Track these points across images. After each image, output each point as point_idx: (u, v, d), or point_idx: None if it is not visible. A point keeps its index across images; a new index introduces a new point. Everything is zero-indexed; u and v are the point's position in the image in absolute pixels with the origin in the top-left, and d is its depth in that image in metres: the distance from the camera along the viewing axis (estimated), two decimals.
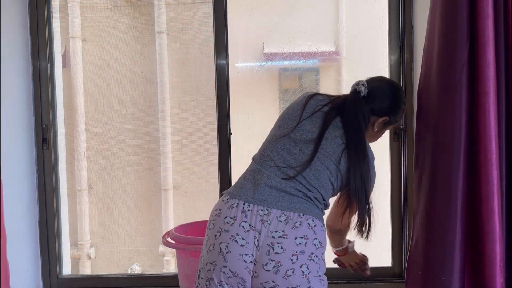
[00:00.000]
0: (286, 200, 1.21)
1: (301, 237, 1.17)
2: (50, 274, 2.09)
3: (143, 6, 2.29)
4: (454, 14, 1.35)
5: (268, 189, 1.22)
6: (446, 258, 1.37)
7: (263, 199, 1.21)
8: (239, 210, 1.20)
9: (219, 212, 1.25)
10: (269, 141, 1.32)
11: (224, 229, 1.20)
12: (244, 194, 1.23)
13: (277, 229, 1.17)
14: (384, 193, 2.13)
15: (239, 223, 1.19)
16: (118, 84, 2.30)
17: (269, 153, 1.28)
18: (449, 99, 1.36)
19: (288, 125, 1.31)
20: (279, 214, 1.18)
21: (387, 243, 2.11)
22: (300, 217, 1.19)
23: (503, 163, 1.34)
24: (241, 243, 1.17)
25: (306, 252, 1.16)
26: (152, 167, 2.33)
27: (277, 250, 1.15)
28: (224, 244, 1.18)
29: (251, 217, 1.19)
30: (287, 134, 1.29)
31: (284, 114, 1.36)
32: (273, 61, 2.22)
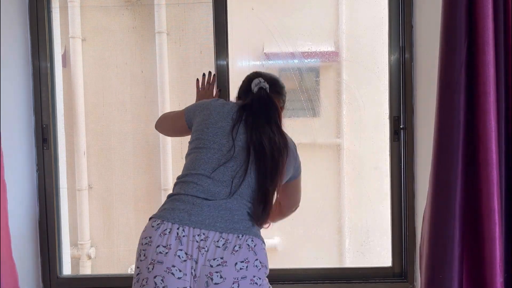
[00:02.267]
0: (225, 220, 1.14)
1: (241, 261, 1.10)
2: (50, 274, 2.09)
3: (143, 6, 2.29)
4: (453, 14, 1.35)
5: (206, 208, 1.15)
6: (445, 257, 1.37)
7: (201, 220, 1.13)
8: (173, 236, 1.11)
9: (149, 240, 1.15)
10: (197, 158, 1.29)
11: (158, 260, 1.10)
12: (178, 216, 1.14)
13: (215, 256, 1.09)
14: (384, 193, 2.13)
15: (174, 252, 1.09)
16: (118, 84, 2.30)
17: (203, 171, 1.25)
18: (448, 99, 1.37)
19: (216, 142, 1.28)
20: (217, 238, 1.11)
21: (387, 243, 2.11)
22: (240, 239, 1.12)
23: (503, 163, 1.34)
24: (178, 276, 1.08)
25: (247, 276, 1.10)
26: (152, 167, 2.33)
27: (216, 280, 1.07)
28: (159, 278, 1.08)
29: (187, 243, 1.10)
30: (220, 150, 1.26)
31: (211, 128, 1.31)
32: (273, 61, 2.22)
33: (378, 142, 2.19)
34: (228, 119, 1.32)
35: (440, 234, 1.39)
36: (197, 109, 1.42)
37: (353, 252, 2.29)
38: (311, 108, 2.20)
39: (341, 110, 2.24)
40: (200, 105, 1.43)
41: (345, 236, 2.31)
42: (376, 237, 2.25)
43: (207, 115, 1.35)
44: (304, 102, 2.21)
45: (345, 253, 2.31)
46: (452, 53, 1.36)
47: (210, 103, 1.40)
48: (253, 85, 1.39)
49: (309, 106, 2.20)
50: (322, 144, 2.25)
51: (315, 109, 2.21)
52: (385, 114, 2.08)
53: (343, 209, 2.30)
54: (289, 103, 2.22)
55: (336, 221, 2.30)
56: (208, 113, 1.35)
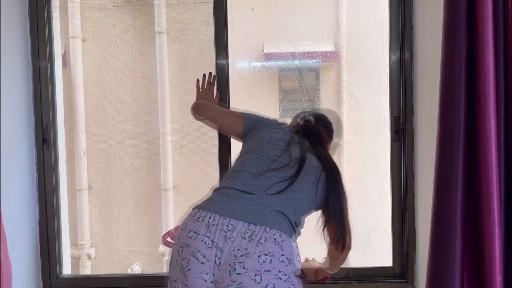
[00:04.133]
0: (256, 212, 1.17)
1: (265, 254, 1.10)
2: (50, 274, 2.09)
3: (143, 6, 2.29)
4: (453, 14, 1.35)
5: (241, 200, 1.20)
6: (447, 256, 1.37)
7: (233, 210, 1.16)
8: (204, 224, 1.15)
9: (184, 226, 1.20)
10: (251, 160, 1.34)
11: (187, 244, 1.14)
12: (213, 206, 1.19)
13: (239, 247, 1.11)
14: (385, 193, 2.13)
15: (201, 239, 1.13)
16: (118, 84, 2.30)
17: (248, 168, 1.31)
18: (448, 99, 1.37)
19: (272, 151, 1.36)
20: (243, 230, 1.13)
21: (387, 243, 2.11)
22: (266, 232, 1.13)
23: (502, 163, 1.34)
24: (201, 260, 1.11)
25: (271, 270, 1.10)
26: (152, 167, 2.33)
27: (239, 270, 1.09)
28: (186, 261, 1.13)
29: (215, 232, 1.13)
30: (272, 158, 1.33)
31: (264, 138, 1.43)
32: (273, 61, 2.22)
33: (378, 142, 2.19)
34: (283, 133, 1.45)
35: (442, 233, 1.39)
36: (257, 124, 1.54)
37: (353, 252, 2.29)
38: (311, 108, 2.20)
39: (341, 111, 2.24)
40: (260, 120, 1.56)
41: None
42: (376, 237, 2.25)
43: (266, 131, 1.48)
44: (304, 102, 2.21)
45: None
46: (452, 53, 1.36)
47: (269, 121, 1.55)
48: (299, 118, 1.57)
49: (309, 107, 2.20)
50: None
51: (315, 109, 2.21)
52: (386, 114, 2.08)
53: None
54: (289, 104, 2.22)
55: None
56: (268, 131, 1.47)
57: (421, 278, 1.93)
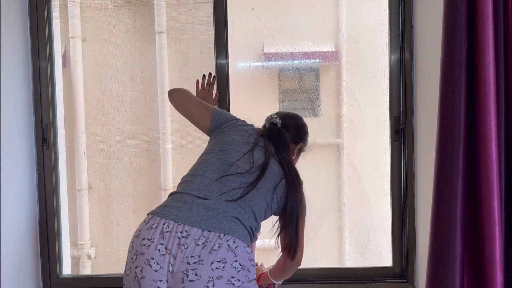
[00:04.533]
0: (210, 219, 1.16)
1: (218, 261, 1.10)
2: (50, 274, 2.09)
3: (143, 6, 2.29)
4: (453, 14, 1.35)
5: (195, 207, 1.19)
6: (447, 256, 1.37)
7: (187, 216, 1.16)
8: (158, 231, 1.15)
9: (138, 233, 1.20)
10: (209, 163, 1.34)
11: (140, 252, 1.14)
12: (168, 212, 1.19)
13: (193, 254, 1.11)
14: (385, 193, 2.13)
15: (155, 246, 1.13)
16: (118, 84, 2.30)
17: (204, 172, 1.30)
18: (448, 99, 1.37)
19: (231, 154, 1.35)
20: (198, 236, 1.13)
21: (387, 243, 2.11)
22: (220, 238, 1.13)
23: (503, 162, 1.34)
24: (155, 268, 1.11)
25: (224, 276, 1.09)
26: (152, 167, 2.33)
27: (192, 277, 1.08)
28: (139, 268, 1.12)
29: (169, 239, 1.13)
30: (230, 162, 1.32)
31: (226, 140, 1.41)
32: (273, 61, 2.22)
33: (378, 142, 2.19)
34: (246, 136, 1.43)
35: (442, 233, 1.39)
36: (224, 122, 1.51)
37: (353, 252, 2.29)
38: (311, 108, 2.20)
39: (341, 111, 2.24)
40: (228, 119, 1.52)
41: (345, 236, 2.31)
42: (376, 237, 2.25)
43: (230, 132, 1.45)
44: (304, 102, 2.21)
45: (345, 253, 2.31)
46: (452, 53, 1.36)
47: (236, 121, 1.51)
48: (266, 120, 1.54)
49: (309, 106, 2.20)
50: (322, 144, 2.25)
51: (315, 109, 2.21)
52: (386, 114, 2.08)
53: (343, 209, 2.30)
54: (289, 104, 2.22)
55: (336, 221, 2.30)
56: (232, 132, 1.45)
57: (421, 278, 1.93)
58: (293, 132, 1.53)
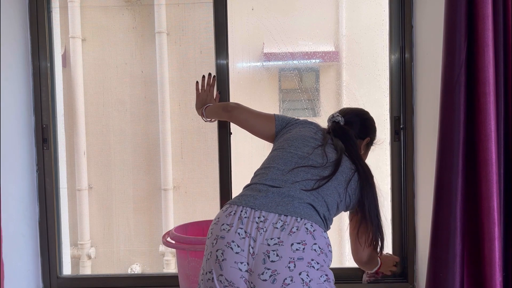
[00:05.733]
0: (286, 204, 1.19)
1: (298, 243, 1.13)
2: (50, 274, 2.09)
3: (143, 6, 2.29)
4: (453, 14, 1.35)
5: (271, 194, 1.23)
6: (446, 256, 1.37)
7: (264, 203, 1.20)
8: (236, 217, 1.19)
9: (217, 221, 1.24)
10: (280, 156, 1.36)
11: (220, 236, 1.18)
12: (244, 200, 1.23)
13: (272, 236, 1.13)
14: (385, 193, 2.13)
15: (235, 230, 1.17)
16: (118, 84, 2.30)
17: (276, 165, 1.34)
18: (448, 99, 1.37)
19: (301, 148, 1.38)
20: (275, 220, 1.16)
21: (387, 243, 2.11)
22: (298, 222, 1.16)
23: (502, 162, 1.34)
24: (236, 250, 1.14)
25: (304, 258, 1.12)
26: (152, 167, 2.33)
27: (273, 258, 1.11)
28: (220, 251, 1.16)
29: (247, 224, 1.17)
30: (302, 156, 1.35)
31: (294, 135, 1.44)
32: (273, 61, 2.22)
33: None
34: (314, 131, 1.47)
35: (442, 233, 1.39)
36: (288, 123, 1.55)
37: None
38: (311, 108, 2.20)
39: None
40: (291, 120, 1.56)
41: (346, 236, 2.31)
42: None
43: (296, 130, 1.48)
44: (304, 102, 2.21)
45: (345, 253, 2.31)
46: (452, 53, 1.36)
47: (300, 120, 1.56)
48: (328, 120, 1.56)
49: (309, 106, 2.20)
50: None
51: (315, 109, 2.21)
52: (386, 114, 2.08)
53: None
54: (289, 104, 2.22)
55: (337, 221, 2.29)
56: (298, 129, 1.48)
57: (421, 278, 1.93)
58: (358, 128, 1.54)
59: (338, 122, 1.52)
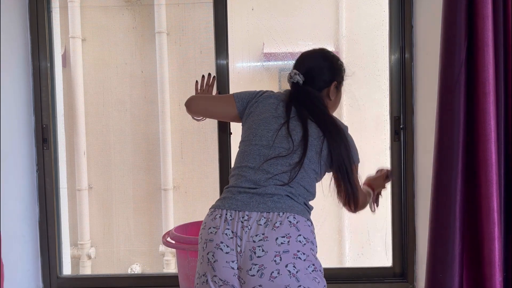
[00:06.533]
0: (266, 202, 1.21)
1: (282, 237, 1.15)
2: (50, 274, 2.09)
3: (143, 6, 2.29)
4: (453, 15, 1.35)
5: (250, 195, 1.24)
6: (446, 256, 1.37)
7: (245, 203, 1.22)
8: (222, 219, 1.22)
9: (204, 225, 1.27)
10: (248, 152, 1.33)
11: (209, 239, 1.21)
12: (227, 203, 1.25)
13: (257, 233, 1.16)
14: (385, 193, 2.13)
15: (222, 231, 1.19)
16: (118, 84, 2.30)
17: (247, 163, 1.31)
18: (448, 100, 1.37)
19: (265, 136, 1.32)
20: (258, 218, 1.19)
21: (387, 243, 2.11)
22: (280, 216, 1.18)
23: (502, 163, 1.34)
24: (226, 251, 1.17)
25: (290, 250, 1.14)
26: (152, 167, 2.33)
27: (259, 253, 1.14)
28: (211, 254, 1.19)
29: (233, 224, 1.19)
30: (267, 145, 1.31)
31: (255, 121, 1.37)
32: (273, 61, 2.22)
33: (378, 142, 2.19)
34: (274, 107, 1.37)
35: (441, 233, 1.39)
36: (249, 101, 1.45)
37: (354, 252, 2.29)
38: None
39: (341, 111, 2.24)
40: (251, 97, 1.46)
41: (346, 236, 2.31)
42: (376, 237, 2.25)
43: (257, 111, 1.40)
44: None
45: (345, 253, 2.31)
46: (452, 53, 1.36)
47: (260, 95, 1.45)
48: (288, 77, 1.44)
49: None
50: None
51: None
52: (386, 114, 2.08)
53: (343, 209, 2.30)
54: None
55: (337, 222, 2.30)
56: (259, 110, 1.40)
57: (421, 278, 1.93)
58: (320, 77, 1.41)
59: (297, 83, 1.39)
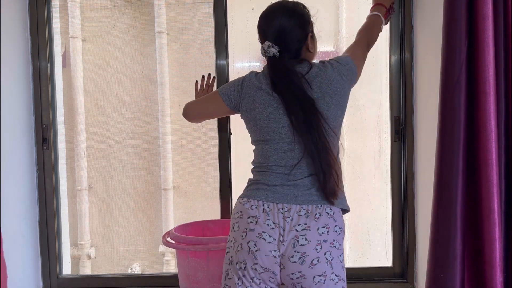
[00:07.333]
0: (303, 195, 1.24)
1: (322, 227, 1.21)
2: (50, 274, 2.09)
3: (143, 6, 2.29)
4: (453, 15, 1.35)
5: (286, 188, 1.25)
6: (446, 256, 1.37)
7: (282, 197, 1.24)
8: (260, 210, 1.24)
9: (241, 214, 1.27)
10: (261, 146, 1.33)
11: (250, 228, 1.23)
12: (263, 195, 1.26)
13: (299, 223, 1.21)
14: (385, 193, 2.13)
15: (263, 221, 1.22)
16: (118, 84, 2.30)
17: (269, 156, 1.30)
18: (448, 99, 1.37)
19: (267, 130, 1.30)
20: (298, 209, 1.22)
21: (387, 243, 2.11)
22: (319, 208, 1.22)
23: (503, 163, 1.34)
24: (268, 240, 1.21)
25: (328, 239, 1.20)
26: (152, 167, 2.33)
27: (302, 242, 1.19)
28: (252, 243, 1.21)
29: (273, 215, 1.23)
30: (272, 139, 1.30)
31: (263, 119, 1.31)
32: None
33: (378, 142, 2.19)
34: (265, 93, 1.31)
35: (442, 233, 1.39)
36: (237, 93, 1.39)
37: (354, 252, 2.29)
38: None
39: None
40: (234, 89, 1.39)
41: (346, 236, 2.31)
42: (376, 237, 2.25)
43: (252, 102, 1.34)
44: None
45: (345, 253, 2.31)
46: (452, 53, 1.36)
47: (247, 90, 1.36)
48: (262, 51, 1.35)
49: None
50: None
51: None
52: (385, 114, 2.08)
53: None
54: None
55: None
56: (252, 100, 1.34)
57: (421, 278, 1.93)
58: (294, 43, 1.33)
59: (274, 56, 1.31)
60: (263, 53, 1.35)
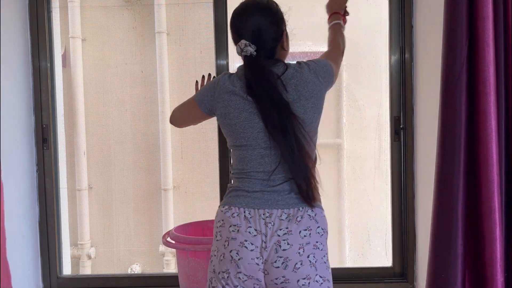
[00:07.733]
0: (283, 199, 1.24)
1: (304, 230, 1.20)
2: (50, 274, 2.09)
3: (143, 6, 2.29)
4: (453, 14, 1.35)
5: (267, 194, 1.25)
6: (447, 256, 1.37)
7: (262, 202, 1.24)
8: (242, 218, 1.23)
9: (222, 223, 1.27)
10: (238, 152, 1.31)
11: (232, 237, 1.22)
12: (244, 202, 1.25)
13: (281, 227, 1.20)
14: (385, 193, 2.13)
15: (245, 229, 1.21)
16: (118, 84, 2.30)
17: (247, 163, 1.29)
18: (449, 99, 1.37)
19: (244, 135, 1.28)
20: (279, 214, 1.21)
21: (387, 243, 2.11)
22: (300, 211, 1.22)
23: (503, 162, 1.34)
24: (250, 248, 1.20)
25: (311, 242, 1.20)
26: (152, 167, 2.33)
27: (284, 246, 1.18)
28: (235, 252, 1.21)
29: (254, 222, 1.22)
30: (249, 144, 1.28)
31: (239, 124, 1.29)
32: None
33: (378, 142, 2.19)
34: (240, 98, 1.28)
35: (443, 234, 1.39)
36: (210, 98, 1.37)
37: (354, 252, 2.30)
38: None
39: (341, 111, 2.24)
40: (210, 91, 1.37)
41: (346, 236, 2.31)
42: (376, 237, 2.25)
43: (226, 107, 1.31)
44: None
45: (345, 253, 2.31)
46: (453, 53, 1.36)
47: (219, 95, 1.33)
48: (238, 50, 1.31)
49: None
50: (322, 144, 2.25)
51: None
52: (385, 114, 2.08)
53: (343, 209, 2.30)
54: None
55: (337, 221, 2.30)
56: (226, 104, 1.31)
57: (421, 278, 1.93)
58: (270, 42, 1.31)
59: (251, 55, 1.27)
60: (238, 52, 1.31)
